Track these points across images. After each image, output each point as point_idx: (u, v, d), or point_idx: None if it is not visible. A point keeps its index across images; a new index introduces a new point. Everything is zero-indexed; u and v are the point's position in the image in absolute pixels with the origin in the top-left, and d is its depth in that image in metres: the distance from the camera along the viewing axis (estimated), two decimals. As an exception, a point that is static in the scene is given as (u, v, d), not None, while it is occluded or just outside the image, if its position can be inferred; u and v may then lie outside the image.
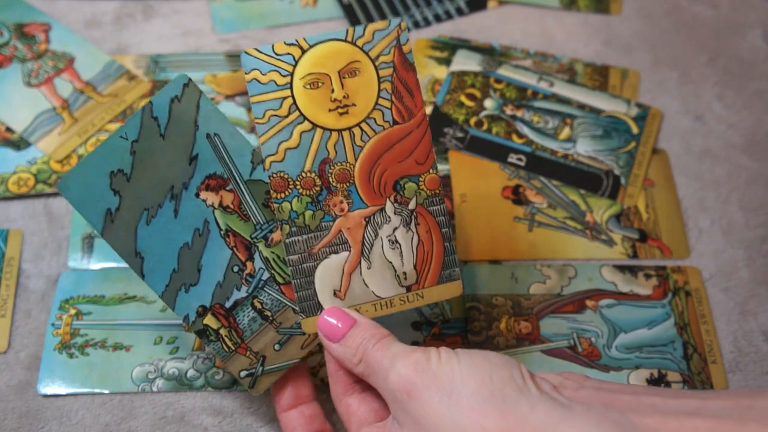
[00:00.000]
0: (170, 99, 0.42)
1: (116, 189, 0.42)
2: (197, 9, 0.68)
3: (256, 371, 0.43)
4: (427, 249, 0.42)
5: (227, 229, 0.44)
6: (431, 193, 0.42)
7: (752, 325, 0.54)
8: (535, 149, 0.60)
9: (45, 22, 0.64)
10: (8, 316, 0.52)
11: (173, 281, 0.42)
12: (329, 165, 0.42)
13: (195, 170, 0.43)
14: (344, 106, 0.42)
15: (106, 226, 0.41)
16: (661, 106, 0.64)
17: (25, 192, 0.57)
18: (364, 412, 0.41)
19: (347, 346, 0.40)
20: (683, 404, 0.34)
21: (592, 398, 0.35)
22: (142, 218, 0.42)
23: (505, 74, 0.64)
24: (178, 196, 0.43)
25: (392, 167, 0.42)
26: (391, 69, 0.42)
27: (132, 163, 0.42)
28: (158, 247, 0.42)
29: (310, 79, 0.42)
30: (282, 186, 0.42)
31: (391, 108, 0.42)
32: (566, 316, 0.53)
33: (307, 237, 0.42)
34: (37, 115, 0.60)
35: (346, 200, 0.42)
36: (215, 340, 0.43)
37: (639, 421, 0.33)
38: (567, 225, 0.57)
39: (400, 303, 0.42)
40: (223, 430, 0.49)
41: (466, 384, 0.35)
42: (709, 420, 0.32)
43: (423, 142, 0.42)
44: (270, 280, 0.44)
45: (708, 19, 0.69)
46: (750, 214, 0.59)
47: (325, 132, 0.42)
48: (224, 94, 0.62)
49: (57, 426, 0.49)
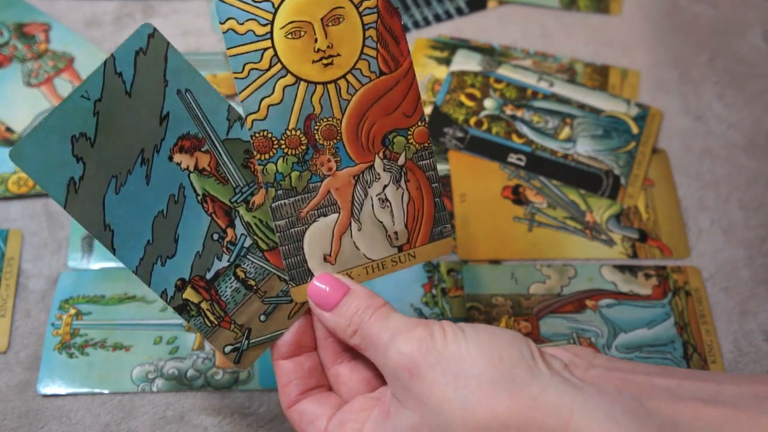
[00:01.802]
0: (135, 52, 0.38)
1: (79, 155, 0.37)
2: (197, 9, 0.68)
3: (242, 345, 0.41)
4: (417, 206, 0.41)
5: (204, 193, 0.40)
6: (420, 147, 0.40)
7: (752, 325, 0.54)
8: (535, 149, 0.60)
9: (45, 22, 0.64)
10: (8, 316, 0.52)
11: (148, 254, 0.39)
12: (315, 121, 0.39)
13: (166, 131, 0.39)
14: (329, 56, 0.39)
15: (69, 197, 0.37)
16: (661, 106, 0.64)
17: (25, 192, 0.57)
18: (355, 381, 0.39)
19: (341, 315, 0.38)
20: (699, 389, 0.33)
21: (604, 379, 0.34)
22: (110, 187, 0.38)
23: (505, 74, 0.64)
24: (149, 160, 0.39)
25: (380, 121, 0.40)
26: (375, 15, 0.39)
27: (96, 125, 0.37)
28: (129, 217, 0.38)
29: (292, 27, 0.38)
30: (266, 146, 0.39)
31: (377, 57, 0.39)
32: (566, 316, 0.53)
33: (294, 200, 0.39)
34: (37, 115, 0.60)
35: (334, 158, 0.40)
36: (196, 315, 0.40)
37: (653, 406, 0.32)
38: (567, 225, 0.57)
39: (392, 264, 0.41)
40: (223, 430, 0.49)
41: (474, 365, 0.33)
42: (725, 409, 0.31)
43: (411, 92, 0.40)
44: (253, 246, 0.41)
45: (708, 19, 0.69)
46: (750, 214, 0.59)
47: (310, 85, 0.39)
48: (225, 94, 0.62)
49: (57, 426, 0.49)
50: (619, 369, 0.34)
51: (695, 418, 0.32)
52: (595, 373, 0.34)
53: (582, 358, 0.35)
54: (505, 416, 0.32)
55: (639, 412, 0.32)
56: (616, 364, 0.35)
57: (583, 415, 0.31)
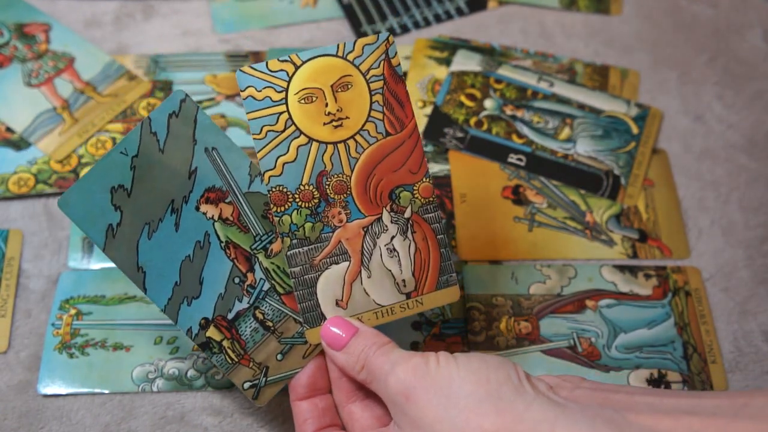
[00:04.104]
0: (168, 114, 0.43)
1: (117, 204, 0.42)
2: (197, 9, 0.68)
3: (260, 382, 0.44)
4: (424, 256, 0.43)
5: (227, 240, 0.44)
6: (425, 201, 0.43)
7: (752, 325, 0.54)
8: (535, 149, 0.60)
9: (45, 22, 0.64)
10: (8, 316, 0.52)
11: (175, 294, 0.43)
12: (326, 177, 0.43)
13: (194, 184, 0.43)
14: (338, 119, 0.43)
15: (107, 241, 0.42)
16: (661, 106, 0.64)
17: (25, 192, 0.57)
18: (367, 418, 0.41)
19: (350, 353, 0.40)
20: (679, 403, 0.34)
21: (588, 398, 0.35)
22: (144, 232, 0.42)
23: (505, 74, 0.64)
24: (179, 209, 0.43)
25: (387, 177, 0.43)
26: (381, 82, 0.43)
27: (132, 178, 0.42)
28: (160, 260, 0.42)
29: (304, 94, 0.43)
30: (281, 199, 0.42)
31: (383, 120, 0.43)
32: (566, 316, 0.53)
33: (308, 249, 0.43)
34: (38, 115, 0.60)
35: (344, 211, 0.43)
36: (218, 352, 0.43)
37: (634, 418, 0.33)
38: (567, 225, 0.57)
39: (400, 310, 0.43)
40: (223, 430, 0.49)
41: (463, 386, 0.36)
42: (703, 418, 0.33)
43: (415, 151, 0.43)
44: (271, 290, 0.44)
45: (708, 19, 0.69)
46: (750, 214, 0.59)
47: (321, 145, 0.43)
48: (224, 95, 0.62)
49: (57, 426, 0.49)
50: (602, 389, 0.36)
51: (674, 426, 0.33)
52: (579, 393, 0.36)
53: (569, 381, 0.37)
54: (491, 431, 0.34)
55: (619, 423, 0.33)
56: (601, 386, 0.37)
57: (566, 428, 0.33)
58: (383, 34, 0.43)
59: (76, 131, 0.59)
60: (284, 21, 0.67)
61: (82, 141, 0.59)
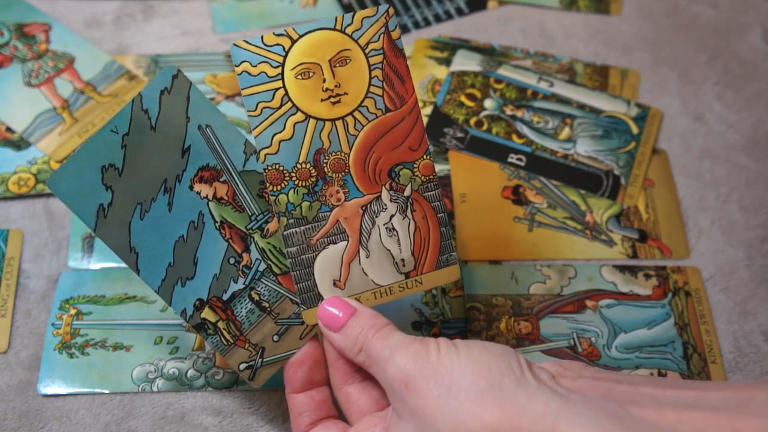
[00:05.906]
0: (160, 91, 0.42)
1: (108, 184, 0.41)
2: (197, 9, 0.68)
3: (256, 363, 0.43)
4: (423, 235, 0.42)
5: (222, 220, 0.43)
6: (426, 179, 0.42)
7: (752, 325, 0.54)
8: (535, 149, 0.60)
9: (45, 22, 0.64)
10: (8, 316, 0.52)
11: (169, 275, 0.42)
12: (324, 155, 0.42)
13: (188, 162, 0.42)
14: (336, 95, 0.42)
15: (99, 222, 0.41)
16: (661, 106, 0.64)
17: (25, 192, 0.57)
18: (364, 401, 0.40)
19: (347, 335, 0.40)
20: (682, 396, 0.34)
21: (590, 388, 0.35)
22: (136, 213, 0.41)
23: (505, 74, 0.64)
24: (172, 189, 0.42)
25: (386, 155, 0.42)
26: (381, 56, 0.42)
27: (123, 157, 0.41)
28: (153, 241, 0.42)
29: (301, 69, 0.42)
30: (278, 178, 0.41)
31: (382, 95, 0.42)
32: (566, 316, 0.53)
33: (305, 228, 0.42)
34: (38, 115, 0.60)
35: (342, 190, 0.42)
36: (213, 333, 0.43)
37: (637, 412, 0.33)
38: (567, 225, 0.57)
39: (399, 290, 0.42)
40: (223, 430, 0.49)
41: (464, 376, 0.35)
42: (707, 413, 0.32)
43: (416, 128, 0.42)
44: (267, 270, 0.44)
45: (708, 19, 0.69)
46: (750, 214, 0.59)
47: (319, 122, 0.42)
48: (224, 95, 0.62)
49: (57, 426, 0.49)
50: (605, 379, 0.36)
51: (678, 421, 0.32)
52: (582, 383, 0.35)
53: (571, 370, 0.37)
54: (493, 424, 0.33)
55: (623, 417, 0.33)
56: (603, 375, 0.36)
57: (568, 422, 0.32)
58: (383, 6, 0.42)
59: (76, 131, 0.59)
60: (284, 21, 0.67)
61: (82, 141, 0.59)
